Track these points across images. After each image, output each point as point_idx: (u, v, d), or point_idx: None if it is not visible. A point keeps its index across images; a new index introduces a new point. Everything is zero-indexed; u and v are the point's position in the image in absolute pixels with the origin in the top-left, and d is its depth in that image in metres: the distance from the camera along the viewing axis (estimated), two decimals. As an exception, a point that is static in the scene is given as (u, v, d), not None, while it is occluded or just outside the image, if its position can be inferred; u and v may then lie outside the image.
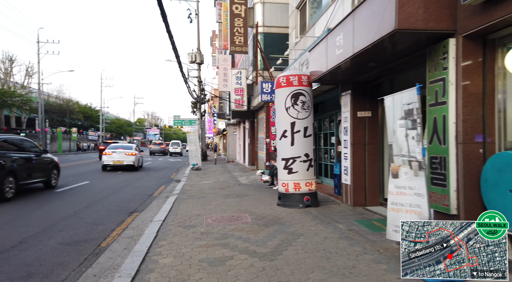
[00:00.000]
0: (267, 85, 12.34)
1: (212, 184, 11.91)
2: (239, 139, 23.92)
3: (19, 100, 38.64)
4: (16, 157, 9.18)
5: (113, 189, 11.30)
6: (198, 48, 27.38)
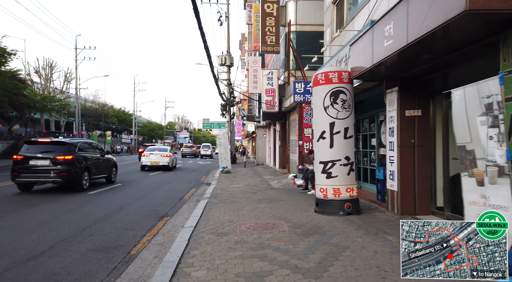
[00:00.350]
0: (300, 85, 11.84)
1: (243, 187, 11.55)
2: (269, 142, 23.49)
3: (58, 105, 40.44)
4: (89, 157, 11.37)
5: (144, 191, 11.22)
6: (228, 50, 27.32)
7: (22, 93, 30.22)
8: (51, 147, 10.50)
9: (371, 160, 8.58)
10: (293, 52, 13.21)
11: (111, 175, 12.91)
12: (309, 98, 11.81)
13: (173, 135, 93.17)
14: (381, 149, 7.91)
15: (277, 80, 13.78)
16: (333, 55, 8.93)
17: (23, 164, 10.04)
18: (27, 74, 40.28)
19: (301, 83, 11.89)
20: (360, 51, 5.89)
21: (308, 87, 11.84)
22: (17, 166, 10.08)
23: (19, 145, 33.40)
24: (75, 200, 9.27)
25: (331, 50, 10.08)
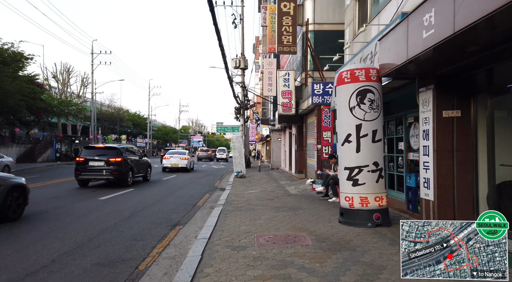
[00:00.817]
0: (318, 86, 11.28)
1: (259, 193, 11.02)
2: (284, 145, 22.91)
3: (74, 109, 40.91)
4: (132, 158, 13.68)
5: (157, 197, 10.83)
6: (242, 53, 26.98)
7: (40, 97, 30.60)
8: (104, 151, 12.83)
9: (398, 165, 7.93)
10: (310, 52, 12.67)
11: (146, 174, 15.42)
12: (328, 100, 11.24)
13: (187, 139, 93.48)
14: (410, 153, 7.27)
15: (294, 82, 13.24)
16: (356, 53, 8.35)
17: (83, 164, 12.47)
18: (44, 79, 40.96)
19: (319, 84, 11.33)
20: (391, 45, 5.31)
21: (327, 88, 11.28)
22: (79, 166, 12.50)
23: (37, 148, 34.05)
24: (86, 206, 8.93)
25: (352, 49, 9.50)
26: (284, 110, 13.58)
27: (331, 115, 11.51)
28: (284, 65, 19.91)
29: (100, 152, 12.81)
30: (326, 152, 11.52)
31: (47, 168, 25.93)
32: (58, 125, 43.42)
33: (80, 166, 12.47)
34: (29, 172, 21.08)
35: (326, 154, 11.52)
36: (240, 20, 26.90)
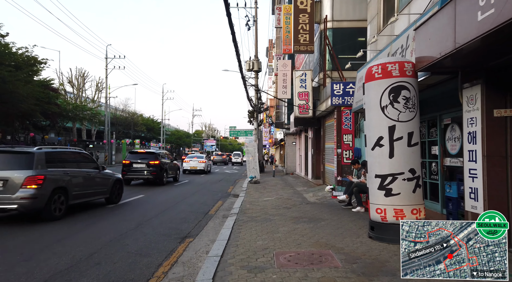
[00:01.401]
0: (338, 87, 10.55)
1: (275, 201, 10.32)
2: (299, 150, 22.15)
3: (89, 114, 41.15)
4: (166, 161, 16.38)
5: (167, 204, 10.26)
6: (256, 55, 26.42)
7: (54, 102, 30.74)
8: (145, 155, 15.45)
9: (432, 172, 7.12)
10: (329, 50, 11.96)
11: (176, 175, 18.15)
12: (348, 101, 10.50)
13: (200, 143, 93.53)
14: (447, 159, 6.47)
15: (311, 82, 12.54)
16: (383, 48, 7.62)
17: (128, 166, 15.05)
18: (60, 84, 41.40)
19: (339, 84, 10.60)
20: (432, 34, 4.58)
21: (347, 88, 10.54)
22: (125, 167, 15.06)
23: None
24: (92, 215, 8.42)
25: (377, 44, 8.76)
26: (300, 112, 12.87)
27: (352, 117, 10.76)
28: (300, 67, 19.23)
29: (142, 156, 15.46)
30: (347, 156, 10.75)
31: (60, 172, 25.81)
32: (73, 130, 43.76)
33: (125, 168, 15.09)
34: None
35: (347, 158, 10.75)
36: (254, 21, 26.38)
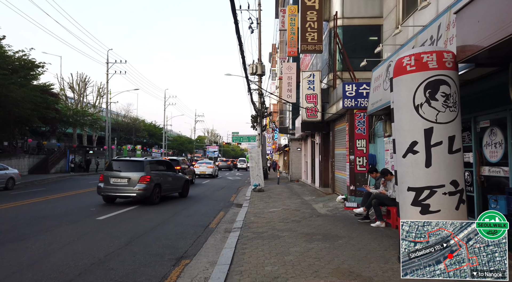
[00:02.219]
0: (350, 88, 9.69)
1: (282, 212, 9.41)
2: (305, 156, 21.23)
3: (89, 119, 40.50)
4: (185, 167, 19.59)
5: (164, 216, 9.36)
6: (259, 58, 25.70)
7: (54, 107, 30.07)
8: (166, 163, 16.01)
9: (465, 183, 6.19)
10: (339, 49, 11.12)
11: (193, 178, 21.47)
12: (362, 102, 9.62)
13: (202, 149, 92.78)
14: (485, 168, 5.56)
15: (320, 84, 11.69)
16: (405, 42, 6.75)
17: None
18: (60, 89, 40.84)
19: (351, 85, 9.74)
20: (484, 14, 3.71)
21: (361, 89, 9.67)
22: None
23: (50, 159, 33.50)
24: (78, 229, 7.55)
25: (395, 39, 7.91)
26: (308, 116, 11.99)
27: (366, 121, 9.87)
28: (306, 69, 18.40)
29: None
30: (361, 164, 9.84)
31: (57, 179, 25.05)
32: (73, 136, 43.11)
33: None
34: (37, 184, 20.15)
35: (361, 166, 9.85)
36: (257, 24, 25.66)
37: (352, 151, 9.90)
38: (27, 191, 15.37)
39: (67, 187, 18.17)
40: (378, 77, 8.17)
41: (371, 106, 8.49)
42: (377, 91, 8.16)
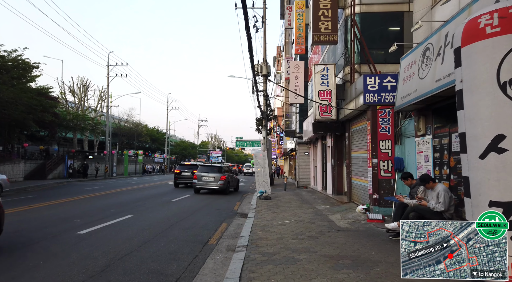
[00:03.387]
0: (372, 80, 8.38)
1: (294, 225, 8.06)
2: (314, 160, 19.86)
3: (90, 124, 39.44)
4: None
5: (157, 229, 8.04)
6: (264, 58, 24.45)
7: (53, 111, 29.01)
8: (191, 166, 21.51)
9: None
10: (358, 40, 9.83)
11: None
12: (386, 97, 8.29)
13: (206, 154, 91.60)
14: None
15: (334, 79, 10.38)
16: (451, 18, 5.43)
17: (179, 174, 21.44)
18: (60, 93, 39.92)
19: (374, 77, 8.42)
20: None
21: (385, 82, 8.35)
22: (176, 175, 21.63)
23: (47, 164, 32.36)
24: (52, 246, 6.27)
25: (432, 15, 6.59)
26: (322, 115, 10.66)
27: (391, 119, 8.52)
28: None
29: (189, 167, 21.94)
30: (385, 168, 8.47)
31: (54, 185, 23.86)
32: (74, 141, 42.05)
33: (177, 175, 21.80)
34: (30, 191, 18.91)
35: (385, 171, 8.48)
36: (262, 23, 24.44)
37: (375, 154, 8.53)
38: (14, 199, 14.13)
39: (59, 194, 16.93)
40: (410, 65, 6.86)
41: (401, 100, 7.17)
42: (409, 81, 6.85)
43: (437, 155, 6.54)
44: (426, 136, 6.91)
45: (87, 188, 21.19)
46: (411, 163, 7.98)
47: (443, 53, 5.55)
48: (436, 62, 5.74)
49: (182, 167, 22.11)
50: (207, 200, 15.06)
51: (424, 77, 6.16)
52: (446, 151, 6.23)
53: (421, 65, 6.34)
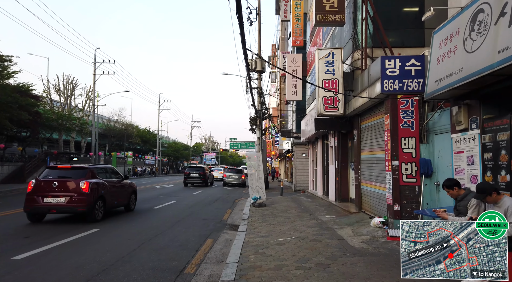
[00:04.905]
0: (392, 64, 6.75)
1: (296, 245, 6.38)
2: (313, 162, 18.22)
3: (76, 124, 37.44)
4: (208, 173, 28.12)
5: (121, 251, 6.28)
6: (259, 53, 22.87)
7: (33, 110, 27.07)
8: (198, 168, 26.55)
9: None
10: (370, 18, 8.21)
11: (212, 180, 29.57)
12: (410, 84, 6.69)
13: (199, 156, 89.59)
14: None
15: (341, 66, 8.72)
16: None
17: (188, 175, 25.56)
18: (43, 91, 37.92)
19: (394, 59, 6.80)
20: None
21: (408, 66, 6.75)
22: (185, 176, 25.72)
23: (26, 167, 30.28)
24: None
25: None
26: (327, 108, 8.98)
27: (415, 111, 6.87)
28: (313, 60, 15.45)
29: (197, 169, 26.44)
30: (409, 173, 6.83)
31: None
32: (59, 142, 39.94)
33: (186, 176, 25.75)
34: (3, 196, 16.97)
35: (409, 176, 6.83)
36: (257, 15, 22.79)
37: (396, 155, 6.88)
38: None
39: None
40: (449, 38, 5.24)
41: (435, 85, 5.53)
42: (448, 59, 5.22)
43: (489, 156, 4.91)
44: (470, 131, 5.29)
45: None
46: (443, 165, 6.34)
47: (511, 11, 3.93)
48: (498, 26, 4.12)
49: (190, 169, 26.75)
50: (194, 207, 13.31)
51: (475, 50, 4.54)
52: (504, 150, 4.60)
53: (469, 35, 4.71)
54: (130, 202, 11.21)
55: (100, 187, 9.29)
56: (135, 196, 11.69)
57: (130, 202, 11.17)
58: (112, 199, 9.96)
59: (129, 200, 11.14)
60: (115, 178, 10.68)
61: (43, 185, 8.79)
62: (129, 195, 11.10)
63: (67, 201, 8.57)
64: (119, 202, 10.50)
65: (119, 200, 10.51)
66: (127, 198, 11.00)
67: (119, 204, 10.60)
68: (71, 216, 9.81)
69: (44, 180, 8.90)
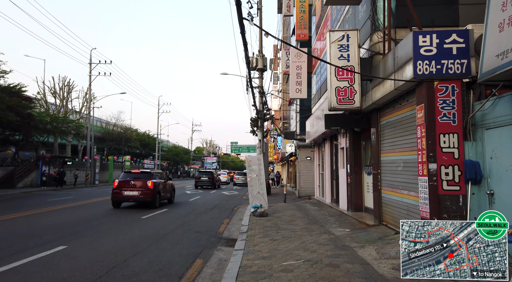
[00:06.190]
0: (428, 40, 5.34)
1: (307, 273, 4.92)
2: (319, 166, 16.73)
3: (72, 127, 36.14)
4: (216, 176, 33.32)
5: (84, 279, 4.83)
6: (260, 50, 21.49)
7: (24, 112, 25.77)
8: (208, 173, 30.59)
9: None
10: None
11: (220, 184, 34.14)
12: (451, 67, 5.32)
13: (200, 160, 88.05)
14: None
15: (358, 51, 7.25)
16: None
17: (199, 179, 29.82)
18: (37, 93, 36.69)
19: (430, 35, 5.36)
20: None
21: (448, 43, 5.33)
22: (196, 179, 30.10)
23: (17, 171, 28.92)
24: None
25: None
26: (340, 101, 7.49)
27: (457, 99, 5.42)
28: (320, 55, 14.06)
29: (206, 173, 30.06)
30: (450, 178, 5.36)
31: (16, 195, 20.59)
32: (54, 145, 38.58)
33: (196, 179, 29.72)
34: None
35: (450, 182, 5.36)
36: (258, 10, 21.48)
37: (433, 156, 5.43)
38: None
39: (10, 207, 13.62)
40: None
41: (498, 60, 4.12)
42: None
43: None
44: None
45: (52, 198, 17.92)
46: (499, 169, 4.86)
47: None
48: None
49: (201, 173, 30.24)
50: (189, 215, 11.86)
51: None
52: None
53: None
54: (172, 197, 15.43)
55: (158, 185, 13.31)
56: (174, 193, 15.89)
57: (171, 196, 15.42)
58: (164, 194, 14.02)
59: (171, 195, 15.39)
60: (164, 179, 14.65)
61: (123, 183, 12.90)
62: (171, 191, 15.39)
63: (139, 194, 12.61)
64: (166, 196, 14.40)
65: (166, 195, 14.49)
66: (170, 193, 15.24)
67: (166, 197, 14.45)
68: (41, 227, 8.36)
69: (123, 180, 13.04)
